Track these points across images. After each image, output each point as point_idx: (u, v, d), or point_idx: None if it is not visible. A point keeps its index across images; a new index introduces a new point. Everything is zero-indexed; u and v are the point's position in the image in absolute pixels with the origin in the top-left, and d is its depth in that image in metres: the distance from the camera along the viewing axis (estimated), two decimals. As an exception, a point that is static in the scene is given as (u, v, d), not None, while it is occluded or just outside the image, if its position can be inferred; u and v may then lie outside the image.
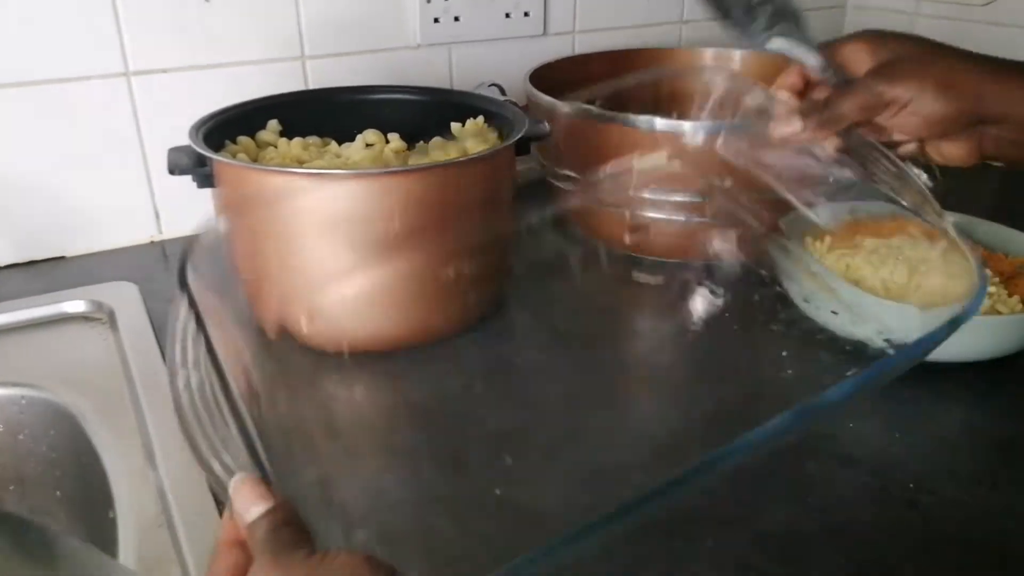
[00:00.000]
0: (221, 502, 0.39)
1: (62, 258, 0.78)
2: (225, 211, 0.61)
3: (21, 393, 0.59)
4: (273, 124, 0.70)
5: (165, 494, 0.50)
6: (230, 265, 0.63)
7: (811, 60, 0.51)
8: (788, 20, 0.53)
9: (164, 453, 0.53)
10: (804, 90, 0.52)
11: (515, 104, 0.82)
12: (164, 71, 0.77)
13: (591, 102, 0.76)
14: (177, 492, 0.50)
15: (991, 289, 0.58)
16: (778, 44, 0.52)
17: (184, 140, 0.60)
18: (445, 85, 0.93)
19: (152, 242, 0.82)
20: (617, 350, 0.65)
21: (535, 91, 0.81)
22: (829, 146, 0.51)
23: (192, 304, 0.39)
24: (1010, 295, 0.59)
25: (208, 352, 0.38)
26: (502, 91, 0.90)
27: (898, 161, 0.51)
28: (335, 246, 0.57)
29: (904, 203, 0.52)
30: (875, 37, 0.50)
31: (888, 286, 0.57)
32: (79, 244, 0.79)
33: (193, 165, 0.59)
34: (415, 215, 0.57)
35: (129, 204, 0.80)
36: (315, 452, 0.52)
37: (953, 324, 0.39)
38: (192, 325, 0.38)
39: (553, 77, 0.89)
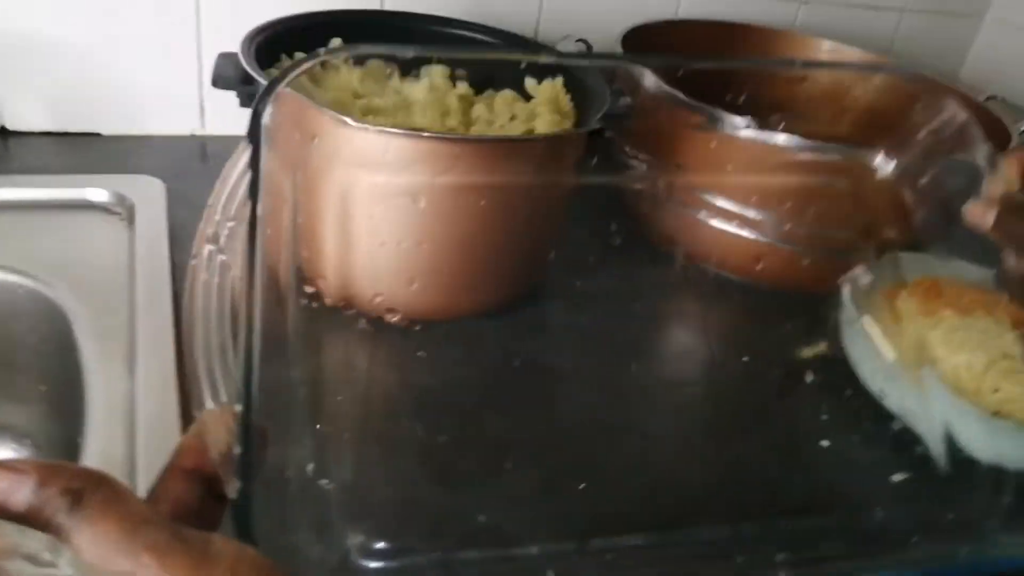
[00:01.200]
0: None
1: (97, 135, 0.74)
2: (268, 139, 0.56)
3: (20, 282, 0.56)
4: (336, 43, 0.64)
5: (135, 405, 0.49)
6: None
7: None
8: None
9: (146, 364, 0.51)
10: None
11: (601, 68, 0.75)
12: (236, -38, 0.72)
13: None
14: (148, 406, 0.48)
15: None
16: None
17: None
18: (530, 28, 0.86)
19: (193, 136, 0.77)
20: (649, 368, 0.60)
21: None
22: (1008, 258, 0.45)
23: (255, 166, 0.31)
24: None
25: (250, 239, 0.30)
26: (589, 48, 0.83)
27: None
28: (368, 204, 0.52)
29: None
30: None
31: (961, 376, 0.51)
32: (117, 124, 0.75)
33: (239, 80, 0.54)
34: (462, 185, 0.52)
35: (176, 91, 0.75)
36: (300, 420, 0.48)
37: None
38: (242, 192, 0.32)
39: (649, 40, 0.81)
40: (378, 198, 0.52)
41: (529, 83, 0.65)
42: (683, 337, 0.67)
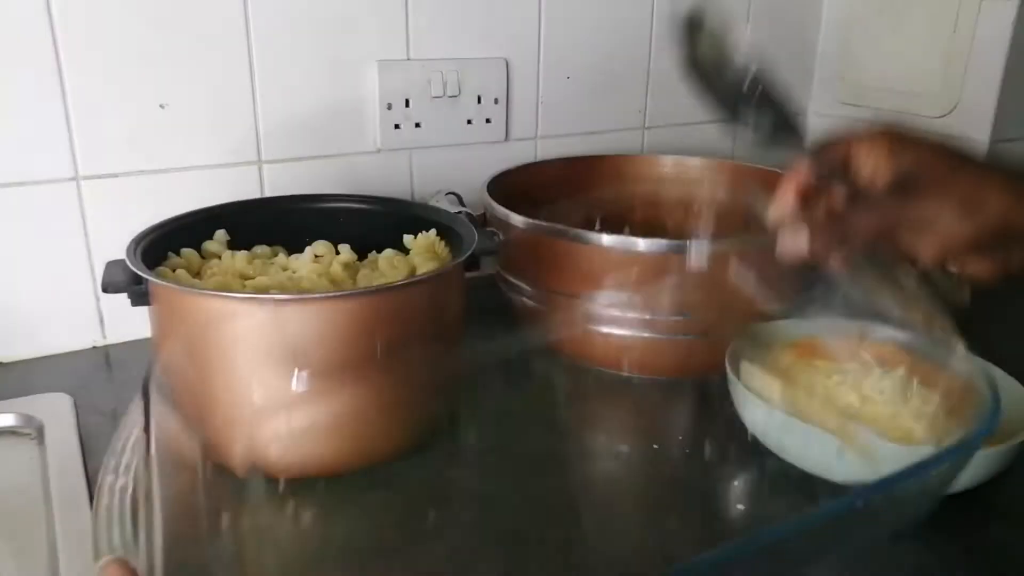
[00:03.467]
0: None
1: (-1, 364, 0.76)
2: (160, 331, 0.59)
3: (-67, 520, 0.56)
4: (220, 235, 0.68)
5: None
6: (170, 386, 0.61)
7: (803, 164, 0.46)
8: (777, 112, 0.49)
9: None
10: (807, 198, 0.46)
11: (470, 214, 0.82)
12: (115, 176, 0.76)
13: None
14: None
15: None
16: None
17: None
18: (405, 190, 0.93)
19: (95, 347, 0.79)
20: (572, 474, 0.62)
21: (491, 201, 0.80)
22: (834, 262, 0.45)
23: (147, 412, 0.41)
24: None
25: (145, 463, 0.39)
26: (460, 199, 0.90)
27: (909, 278, 0.46)
28: (271, 370, 0.55)
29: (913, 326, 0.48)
30: (895, 139, 0.45)
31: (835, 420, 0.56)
32: (18, 349, 0.76)
33: (128, 283, 0.57)
34: (356, 337, 0.56)
35: (73, 308, 0.77)
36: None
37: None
38: (138, 432, 0.40)
39: (514, 183, 0.89)
40: (277, 363, 0.55)
41: (407, 239, 0.70)
42: (597, 439, 0.70)
